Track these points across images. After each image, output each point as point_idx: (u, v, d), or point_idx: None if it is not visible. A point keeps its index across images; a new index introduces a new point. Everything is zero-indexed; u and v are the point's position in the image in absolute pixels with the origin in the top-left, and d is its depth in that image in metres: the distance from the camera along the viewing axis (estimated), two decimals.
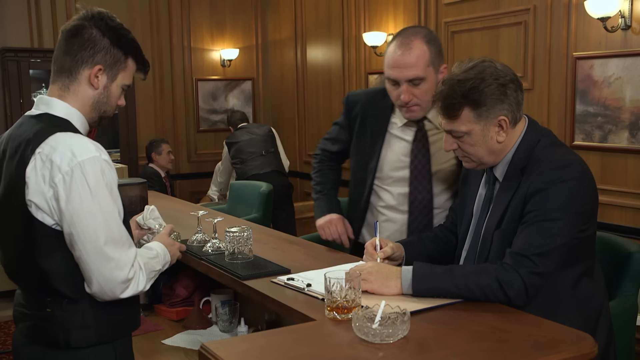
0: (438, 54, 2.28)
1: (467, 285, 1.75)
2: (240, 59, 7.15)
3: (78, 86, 1.70)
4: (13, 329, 1.84)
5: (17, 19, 6.07)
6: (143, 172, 5.74)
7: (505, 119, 1.84)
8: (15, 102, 5.39)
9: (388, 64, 2.28)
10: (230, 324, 2.37)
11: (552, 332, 1.57)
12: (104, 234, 1.57)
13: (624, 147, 3.78)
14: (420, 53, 2.23)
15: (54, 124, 1.64)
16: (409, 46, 2.23)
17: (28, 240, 1.63)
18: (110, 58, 1.71)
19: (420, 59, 2.22)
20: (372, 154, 2.43)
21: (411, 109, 2.30)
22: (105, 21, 1.70)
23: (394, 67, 2.25)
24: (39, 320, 1.68)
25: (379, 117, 2.44)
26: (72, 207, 1.56)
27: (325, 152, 2.68)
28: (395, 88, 2.28)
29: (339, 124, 2.62)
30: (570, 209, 1.76)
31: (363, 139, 2.47)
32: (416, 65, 2.22)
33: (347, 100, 2.57)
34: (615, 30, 3.73)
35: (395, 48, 2.25)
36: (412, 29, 2.34)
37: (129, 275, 1.61)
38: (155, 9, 6.71)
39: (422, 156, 2.38)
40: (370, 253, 2.03)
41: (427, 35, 2.27)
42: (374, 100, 2.46)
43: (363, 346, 1.50)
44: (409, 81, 2.23)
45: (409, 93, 2.25)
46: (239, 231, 2.24)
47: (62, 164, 1.56)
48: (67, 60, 1.70)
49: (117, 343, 1.73)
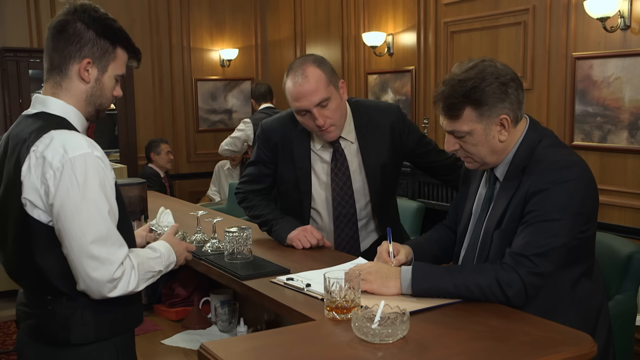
0: (332, 73, 2.39)
1: (467, 285, 1.75)
2: (240, 59, 7.15)
3: (70, 82, 1.69)
4: (12, 329, 1.84)
5: (16, 19, 6.07)
6: (142, 172, 5.74)
7: (506, 117, 1.84)
8: (14, 102, 5.39)
9: (293, 98, 2.37)
10: (230, 324, 2.37)
11: (552, 332, 1.57)
12: (91, 231, 1.56)
13: (623, 147, 3.78)
14: (316, 77, 2.33)
15: (50, 122, 1.64)
16: (305, 74, 2.34)
17: (25, 239, 1.63)
18: (97, 50, 1.69)
19: (319, 82, 2.33)
20: (303, 176, 2.52)
21: (329, 130, 2.39)
22: (88, 13, 1.69)
23: (300, 98, 2.35)
24: (40, 318, 1.69)
25: (300, 141, 2.52)
26: (59, 202, 1.56)
27: (252, 193, 2.62)
28: (308, 117, 2.38)
29: (258, 161, 2.60)
30: (571, 210, 1.76)
31: (289, 163, 2.54)
32: (317, 89, 2.32)
33: (262, 131, 2.60)
34: (615, 30, 3.73)
35: (294, 81, 2.36)
36: (300, 59, 2.42)
37: (115, 274, 1.58)
38: (155, 9, 6.71)
39: (342, 174, 2.50)
40: (384, 259, 2.01)
41: (315, 60, 2.39)
42: (290, 125, 2.53)
43: (362, 346, 1.50)
44: (317, 105, 2.33)
45: (322, 116, 2.35)
46: (239, 231, 2.24)
47: (53, 160, 1.56)
48: (55, 58, 1.69)
49: (118, 340, 1.73)
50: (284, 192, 2.61)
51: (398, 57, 5.45)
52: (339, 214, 2.52)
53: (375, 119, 2.52)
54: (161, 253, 1.77)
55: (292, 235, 2.44)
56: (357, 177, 2.51)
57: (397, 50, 5.45)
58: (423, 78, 5.21)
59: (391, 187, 2.62)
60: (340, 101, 2.40)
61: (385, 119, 2.52)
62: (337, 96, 2.38)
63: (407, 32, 5.33)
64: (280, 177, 2.58)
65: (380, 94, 5.63)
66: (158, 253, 1.77)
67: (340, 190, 2.51)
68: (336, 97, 2.38)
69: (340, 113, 2.40)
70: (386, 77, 5.58)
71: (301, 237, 2.42)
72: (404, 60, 5.39)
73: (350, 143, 2.50)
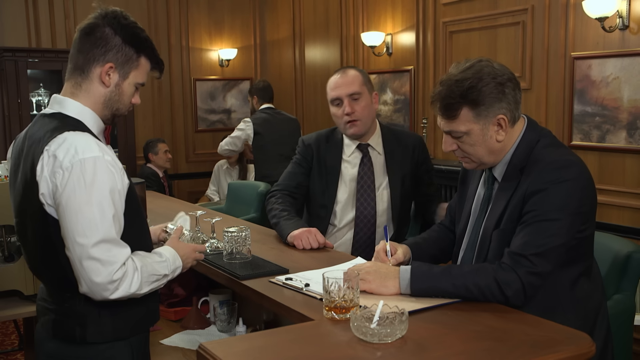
0: (369, 80, 2.76)
1: (465, 285, 1.75)
2: (239, 58, 7.14)
3: (90, 84, 1.72)
4: (11, 329, 1.86)
5: (15, 19, 6.06)
6: (141, 172, 5.74)
7: (504, 117, 1.84)
8: (13, 102, 5.38)
9: (330, 88, 2.73)
10: (229, 324, 2.37)
11: (550, 332, 1.57)
12: (93, 232, 1.56)
13: (622, 146, 3.78)
14: (355, 75, 2.72)
15: (65, 123, 1.67)
16: (345, 72, 2.74)
17: (46, 236, 1.65)
18: (121, 56, 1.72)
19: (355, 78, 2.71)
20: (330, 185, 2.76)
21: (354, 124, 2.68)
22: (118, 19, 1.72)
23: (335, 88, 2.71)
24: (59, 314, 1.71)
25: (332, 151, 2.79)
26: (65, 201, 1.57)
27: (284, 191, 2.76)
28: (339, 107, 2.70)
29: (296, 162, 2.84)
30: (569, 210, 1.76)
31: (321, 170, 2.78)
32: (353, 82, 2.69)
33: (302, 143, 2.86)
34: (613, 30, 3.73)
35: (334, 76, 2.75)
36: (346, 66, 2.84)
37: (115, 276, 1.58)
38: (154, 9, 6.71)
39: (367, 177, 2.74)
40: (381, 259, 2.02)
41: (357, 68, 2.80)
42: (325, 138, 2.83)
43: (361, 346, 1.50)
44: (349, 96, 2.67)
45: (351, 106, 2.67)
46: (238, 231, 2.24)
47: (64, 160, 1.58)
48: (80, 59, 1.72)
49: (133, 340, 1.75)
50: (312, 195, 2.80)
51: (397, 57, 5.46)
52: (360, 214, 2.71)
53: (400, 138, 2.82)
54: (166, 257, 1.77)
55: (295, 234, 2.45)
56: (380, 182, 2.74)
57: (396, 50, 5.45)
58: (422, 78, 5.21)
59: (408, 199, 2.82)
60: (370, 104, 2.72)
61: (408, 140, 2.82)
62: (368, 98, 2.71)
63: (406, 32, 5.33)
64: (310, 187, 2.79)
65: (379, 94, 5.63)
66: (164, 258, 1.77)
67: (364, 192, 2.73)
68: (367, 98, 2.70)
69: (368, 113, 2.70)
70: (385, 77, 5.58)
71: (304, 237, 2.43)
72: (402, 60, 5.40)
73: (377, 153, 2.77)
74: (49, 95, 5.64)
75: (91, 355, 1.70)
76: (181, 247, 1.86)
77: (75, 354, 1.71)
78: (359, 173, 2.74)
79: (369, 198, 2.71)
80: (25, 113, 5.40)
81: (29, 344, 2.89)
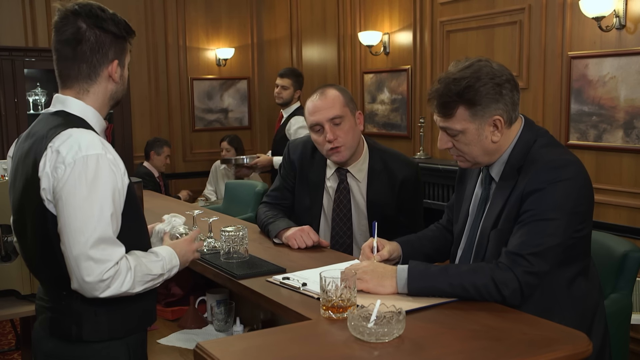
0: (350, 100, 2.54)
1: (463, 284, 1.75)
2: (236, 58, 7.13)
3: (99, 86, 1.74)
4: (7, 329, 1.86)
5: (11, 18, 6.04)
6: (136, 171, 5.73)
7: (500, 118, 1.84)
8: (9, 101, 5.37)
9: (309, 113, 2.52)
10: (226, 323, 2.36)
11: (547, 331, 1.58)
12: (90, 230, 1.56)
13: (619, 146, 3.79)
14: (335, 95, 2.50)
15: (69, 120, 1.67)
16: (324, 93, 2.51)
17: (43, 234, 1.65)
18: (119, 49, 1.76)
19: (335, 100, 2.49)
20: (315, 202, 2.63)
21: (338, 150, 2.49)
22: (100, 18, 1.71)
23: (314, 112, 2.49)
24: (56, 312, 1.71)
25: (316, 168, 2.64)
26: (65, 196, 1.57)
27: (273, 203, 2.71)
28: (320, 134, 2.50)
29: (282, 175, 2.73)
30: (566, 209, 1.76)
31: (304, 187, 2.66)
32: (334, 105, 2.47)
33: (287, 154, 2.73)
34: (610, 29, 3.74)
35: (312, 99, 2.53)
36: (325, 85, 2.59)
37: (106, 275, 1.57)
38: (151, 8, 6.69)
39: (343, 206, 2.60)
40: (367, 255, 2.02)
41: (336, 86, 2.58)
42: (311, 152, 2.66)
43: (358, 345, 1.50)
44: (330, 120, 2.46)
45: (333, 132, 2.46)
46: (235, 230, 2.24)
47: (67, 156, 1.58)
48: (83, 67, 1.72)
49: (130, 339, 1.75)
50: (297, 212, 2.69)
51: (394, 56, 5.46)
52: (335, 242, 2.60)
53: (390, 168, 2.58)
54: (162, 257, 1.76)
55: (289, 234, 2.45)
56: (357, 210, 2.59)
57: (393, 50, 5.45)
58: (419, 77, 5.21)
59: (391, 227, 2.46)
60: (354, 126, 2.51)
61: (399, 173, 2.57)
62: (351, 119, 2.50)
63: (403, 32, 5.33)
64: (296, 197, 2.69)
65: (376, 93, 5.63)
66: (160, 257, 1.76)
67: (340, 221, 2.60)
68: (350, 120, 2.50)
69: (352, 137, 2.49)
70: (382, 77, 5.58)
71: (297, 236, 2.42)
72: (400, 60, 5.40)
73: (358, 182, 2.59)
74: (46, 95, 5.63)
75: (88, 355, 1.70)
76: (179, 246, 1.86)
77: (72, 353, 1.71)
78: (334, 200, 2.60)
79: (345, 227, 2.60)
80: (22, 112, 5.39)
81: (26, 343, 2.89)
